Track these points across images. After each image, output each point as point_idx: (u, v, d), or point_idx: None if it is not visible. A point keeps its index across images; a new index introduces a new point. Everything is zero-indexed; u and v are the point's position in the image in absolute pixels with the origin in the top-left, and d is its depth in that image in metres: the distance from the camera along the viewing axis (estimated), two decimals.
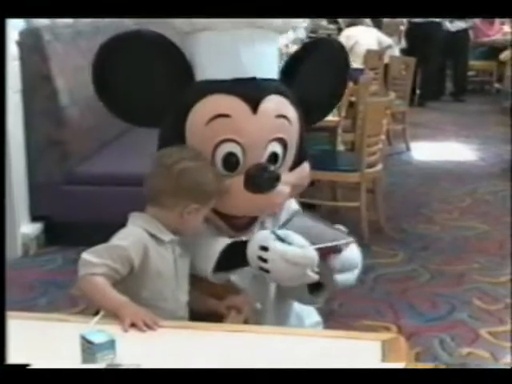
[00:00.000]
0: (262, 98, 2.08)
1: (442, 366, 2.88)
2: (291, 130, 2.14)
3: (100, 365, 1.53)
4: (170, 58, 2.14)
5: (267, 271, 1.95)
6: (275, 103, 2.11)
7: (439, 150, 7.49)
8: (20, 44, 4.42)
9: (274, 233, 1.98)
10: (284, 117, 2.12)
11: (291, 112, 2.14)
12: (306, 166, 2.26)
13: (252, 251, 1.98)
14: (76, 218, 4.41)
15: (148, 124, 2.21)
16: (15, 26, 4.63)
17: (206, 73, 2.12)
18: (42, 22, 4.74)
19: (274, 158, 2.11)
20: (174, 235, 2.00)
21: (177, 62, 2.14)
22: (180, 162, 1.95)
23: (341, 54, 2.41)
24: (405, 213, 5.31)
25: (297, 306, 2.35)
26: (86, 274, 1.85)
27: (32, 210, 4.51)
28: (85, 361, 1.55)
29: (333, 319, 3.35)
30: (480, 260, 4.40)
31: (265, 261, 1.94)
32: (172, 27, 2.16)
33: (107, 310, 1.80)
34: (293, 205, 2.32)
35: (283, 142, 2.12)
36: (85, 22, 5.36)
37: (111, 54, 2.11)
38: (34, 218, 4.51)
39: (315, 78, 2.28)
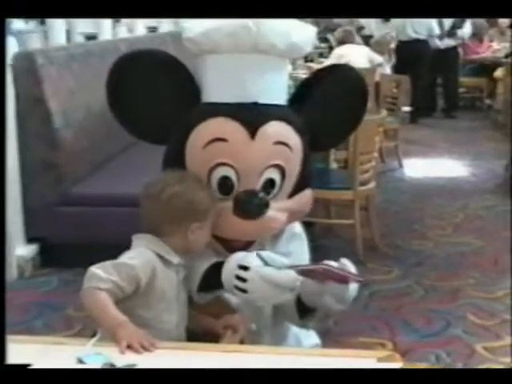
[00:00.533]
0: (261, 123, 2.06)
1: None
2: (291, 157, 2.11)
3: None
4: (178, 78, 2.15)
5: (244, 291, 1.94)
6: (275, 129, 2.08)
7: (432, 166, 7.50)
8: (14, 67, 4.42)
9: (257, 254, 1.97)
10: (284, 144, 2.09)
11: (293, 139, 2.11)
12: (307, 193, 2.21)
13: (229, 270, 1.97)
14: (71, 240, 4.40)
15: (158, 141, 2.22)
16: (8, 50, 4.65)
17: (211, 95, 2.12)
18: (35, 46, 4.76)
19: (270, 184, 2.09)
20: (182, 257, 2.00)
21: (184, 83, 2.15)
22: (166, 189, 1.95)
23: (356, 81, 2.31)
24: (399, 229, 5.31)
25: (294, 328, 2.33)
26: (90, 286, 1.84)
27: (27, 231, 4.50)
28: None
29: (329, 337, 3.33)
30: (475, 275, 4.40)
31: (243, 280, 1.93)
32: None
33: (104, 327, 1.79)
34: (296, 229, 2.30)
35: (281, 169, 2.09)
36: (77, 46, 5.39)
37: (122, 71, 2.14)
38: (30, 240, 4.50)
39: (328, 105, 2.24)
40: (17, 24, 6.12)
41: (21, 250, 4.41)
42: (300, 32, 2.14)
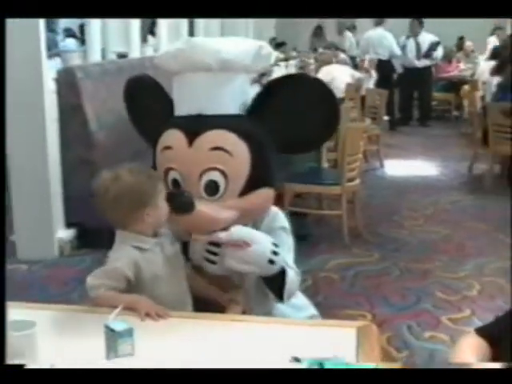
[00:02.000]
0: (200, 132, 2.00)
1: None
2: (231, 161, 1.99)
3: (120, 349, 1.51)
4: (157, 96, 2.23)
5: (213, 262, 2.00)
6: (213, 137, 2.00)
7: (408, 166, 7.46)
8: (57, 81, 4.43)
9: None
10: (221, 149, 1.99)
11: (234, 145, 2.00)
12: (262, 192, 2.07)
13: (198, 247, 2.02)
14: (103, 225, 4.36)
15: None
16: (53, 66, 4.66)
17: (176, 110, 2.14)
18: (75, 63, 4.75)
19: (214, 185, 2.00)
20: (156, 237, 1.95)
21: (162, 100, 2.20)
22: (109, 189, 1.88)
23: (325, 92, 2.10)
24: (379, 220, 5.28)
25: (292, 300, 2.22)
26: (94, 296, 1.83)
27: (67, 217, 4.50)
28: (107, 346, 1.53)
29: (319, 310, 3.33)
30: (442, 259, 4.39)
31: (214, 254, 1.99)
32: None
33: (125, 306, 1.75)
34: (276, 223, 2.17)
35: (222, 172, 1.99)
36: (110, 62, 5.38)
37: (127, 90, 2.35)
38: (69, 225, 4.49)
39: (289, 112, 2.08)
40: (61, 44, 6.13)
41: (61, 233, 4.41)
42: (232, 49, 2.04)
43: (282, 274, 2.05)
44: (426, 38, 9.94)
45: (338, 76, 8.01)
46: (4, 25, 1.57)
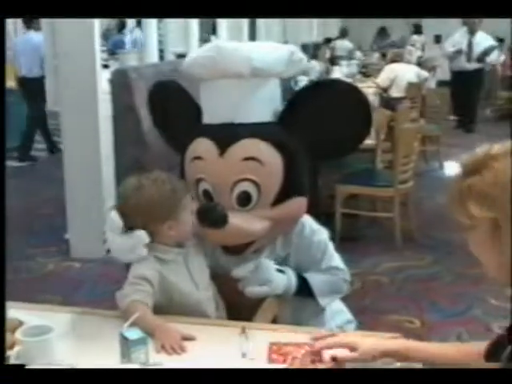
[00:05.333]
0: (232, 141, 1.94)
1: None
2: (264, 171, 1.94)
3: (134, 357, 1.49)
4: (184, 102, 2.16)
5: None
6: (245, 147, 1.94)
7: None
8: (111, 81, 4.47)
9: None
10: (254, 159, 1.93)
11: (267, 154, 1.95)
12: (295, 202, 2.02)
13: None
14: None
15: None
16: (109, 68, 4.71)
17: (204, 117, 2.08)
18: (129, 64, 4.80)
19: (246, 196, 1.94)
20: (180, 247, 1.92)
21: (189, 107, 2.14)
22: (127, 201, 1.85)
23: (349, 95, 2.02)
24: (434, 222, 5.13)
25: (330, 306, 2.20)
26: (124, 305, 1.77)
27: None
28: (122, 353, 1.53)
29: (365, 314, 3.27)
30: None
31: None
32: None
33: (145, 331, 1.64)
34: (305, 232, 2.10)
35: (254, 182, 1.93)
36: (166, 63, 5.41)
37: (151, 97, 2.32)
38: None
39: (322, 119, 2.01)
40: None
41: None
42: (265, 56, 1.99)
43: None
44: (483, 39, 9.17)
45: (401, 74, 7.87)
46: (4, 25, 1.56)
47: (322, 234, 2.14)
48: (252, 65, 1.96)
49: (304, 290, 2.07)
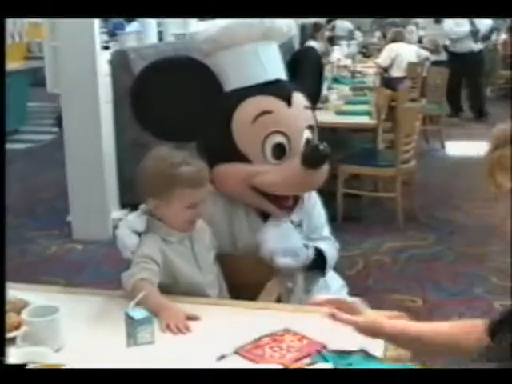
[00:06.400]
0: (290, 93, 2.11)
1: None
2: (315, 117, 2.20)
3: (140, 337, 1.49)
4: (200, 76, 2.11)
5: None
6: (299, 97, 2.14)
7: (470, 147, 7.22)
8: (111, 62, 4.46)
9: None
10: (309, 107, 2.17)
11: (308, 104, 2.19)
12: None
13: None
14: None
15: (180, 139, 2.14)
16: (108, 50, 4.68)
17: (233, 83, 2.12)
18: (129, 44, 4.77)
19: (307, 143, 2.11)
20: (185, 232, 1.91)
21: (206, 79, 2.12)
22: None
23: (318, 59, 2.53)
24: (436, 202, 5.15)
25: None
26: (131, 285, 1.77)
27: (121, 198, 4.55)
28: (127, 333, 1.52)
29: (368, 294, 3.27)
30: (499, 243, 4.21)
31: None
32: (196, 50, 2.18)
33: (150, 311, 1.64)
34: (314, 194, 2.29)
35: (312, 129, 2.16)
36: (166, 44, 5.38)
37: (146, 81, 2.09)
38: (123, 206, 4.54)
39: (304, 79, 2.31)
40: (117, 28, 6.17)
41: (116, 213, 4.45)
42: (285, 21, 2.22)
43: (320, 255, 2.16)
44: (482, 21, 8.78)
45: (401, 54, 7.83)
46: (4, 25, 1.53)
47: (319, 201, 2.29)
48: (288, 26, 2.22)
49: (316, 260, 2.17)
